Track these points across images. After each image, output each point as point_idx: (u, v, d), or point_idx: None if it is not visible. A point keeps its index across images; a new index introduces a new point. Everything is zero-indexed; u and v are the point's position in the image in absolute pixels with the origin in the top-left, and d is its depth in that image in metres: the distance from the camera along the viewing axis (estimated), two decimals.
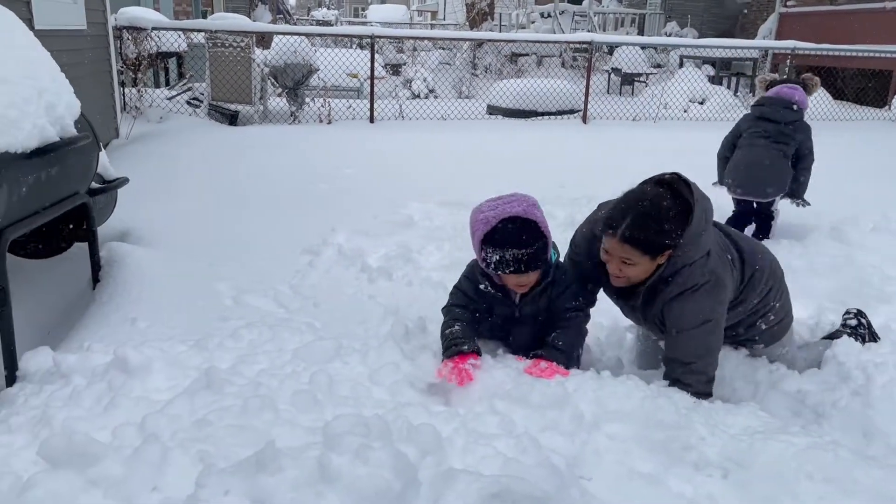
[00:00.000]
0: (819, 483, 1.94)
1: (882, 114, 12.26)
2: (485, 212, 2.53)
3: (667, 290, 2.49)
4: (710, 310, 2.50)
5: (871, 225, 4.81)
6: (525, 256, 2.48)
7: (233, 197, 5.32)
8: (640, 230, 2.38)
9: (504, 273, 2.52)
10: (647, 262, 2.45)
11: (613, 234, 2.41)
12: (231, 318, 3.03)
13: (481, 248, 2.51)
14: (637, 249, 2.41)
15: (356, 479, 1.50)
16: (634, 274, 2.49)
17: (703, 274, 2.46)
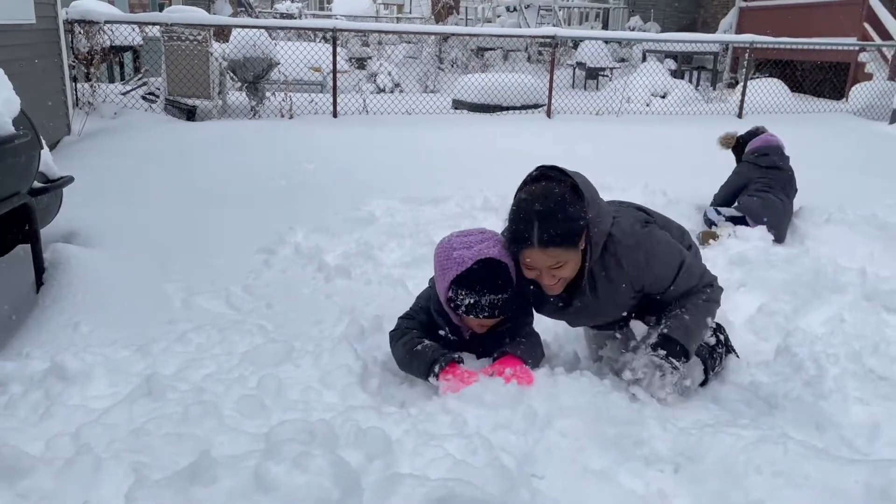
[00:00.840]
0: (768, 477, 1.94)
1: (839, 106, 12.48)
2: (458, 250, 2.41)
3: (619, 264, 2.45)
4: (665, 243, 2.53)
5: (826, 216, 4.87)
6: (500, 302, 2.39)
7: (188, 195, 5.20)
8: (554, 227, 2.28)
9: (475, 317, 2.43)
10: (575, 255, 2.37)
11: (531, 245, 2.29)
12: (179, 321, 2.95)
13: (450, 289, 2.40)
14: (561, 248, 2.31)
15: (294, 488, 1.46)
16: (568, 273, 2.40)
17: (632, 230, 2.49)
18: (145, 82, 9.72)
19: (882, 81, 12.36)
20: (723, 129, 5.89)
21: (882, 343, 3.16)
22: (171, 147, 6.76)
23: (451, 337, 2.55)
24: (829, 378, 2.71)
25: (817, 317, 3.62)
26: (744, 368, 3.02)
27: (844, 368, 2.74)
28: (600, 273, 2.47)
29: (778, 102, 11.71)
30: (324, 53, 11.19)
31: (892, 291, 3.74)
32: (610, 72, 16.07)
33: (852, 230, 4.66)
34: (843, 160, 7.46)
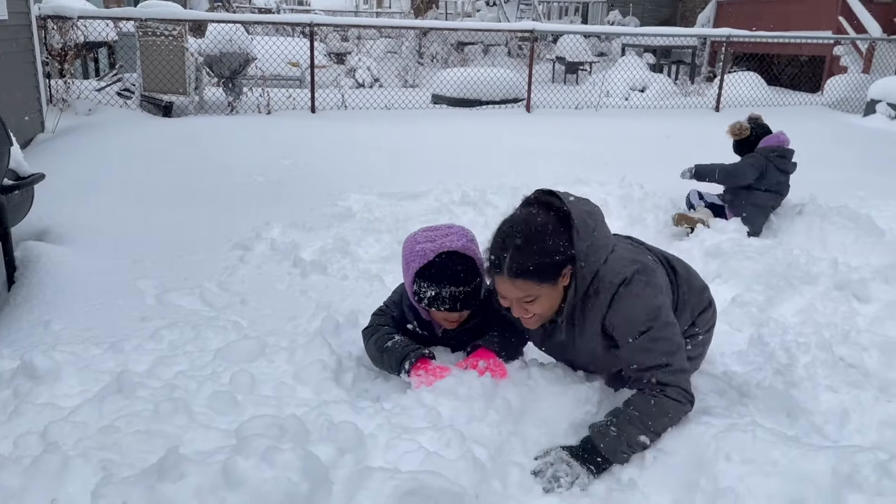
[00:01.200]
0: (737, 464, 1.96)
1: (815, 98, 12.61)
2: (421, 243, 2.39)
3: (597, 301, 2.21)
4: (652, 297, 2.21)
5: (799, 208, 4.93)
6: (462, 294, 2.36)
7: (163, 191, 5.16)
8: (526, 259, 2.09)
9: (437, 310, 2.40)
10: (550, 290, 2.16)
11: (501, 273, 2.12)
12: (152, 319, 2.93)
13: (414, 282, 2.38)
14: (531, 281, 2.12)
15: (261, 482, 1.45)
16: (542, 309, 2.20)
17: (623, 265, 2.22)
18: (120, 78, 9.60)
19: (856, 74, 12.51)
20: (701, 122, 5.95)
21: (852, 331, 3.20)
22: (147, 144, 6.69)
23: (420, 331, 2.53)
24: (800, 366, 2.74)
25: (790, 307, 3.67)
26: (717, 359, 3.06)
27: (815, 357, 2.77)
28: (580, 311, 2.25)
29: (755, 95, 11.80)
30: (302, 48, 11.12)
31: (862, 281, 3.79)
32: (589, 66, 16.12)
33: (825, 221, 4.72)
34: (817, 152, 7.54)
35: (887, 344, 3.07)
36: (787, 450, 1.98)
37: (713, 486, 1.92)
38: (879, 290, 3.76)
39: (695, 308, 2.55)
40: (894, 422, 2.49)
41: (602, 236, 2.24)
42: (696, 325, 2.55)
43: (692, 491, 1.94)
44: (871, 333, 3.21)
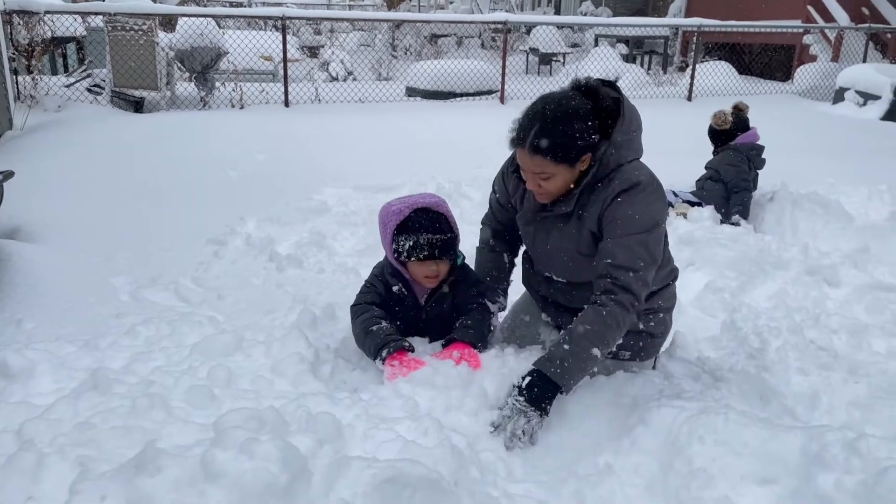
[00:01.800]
0: (710, 445, 2.00)
1: (786, 87, 12.78)
2: (395, 205, 2.52)
3: (609, 187, 2.24)
4: (658, 212, 2.26)
5: (770, 195, 5.00)
6: (438, 242, 2.46)
7: (135, 188, 5.10)
8: (549, 136, 2.16)
9: (418, 259, 2.46)
10: (565, 172, 2.22)
11: (523, 146, 2.21)
12: (127, 315, 2.90)
13: (393, 240, 2.48)
14: (548, 159, 2.18)
15: (241, 474, 1.46)
16: (555, 187, 2.26)
17: (644, 174, 2.26)
18: (89, 74, 9.46)
19: (825, 63, 12.69)
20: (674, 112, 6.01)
21: (822, 315, 3.28)
22: (118, 140, 6.61)
23: (404, 293, 2.59)
24: (772, 350, 2.80)
25: (762, 292, 3.73)
26: (691, 344, 3.10)
27: (786, 341, 2.84)
28: (587, 194, 2.29)
29: (726, 85, 11.93)
30: (274, 42, 11.03)
31: (832, 266, 3.87)
32: (562, 57, 16.18)
33: (796, 208, 4.80)
34: (788, 140, 7.65)
35: (856, 326, 3.15)
36: (759, 431, 2.02)
37: (687, 468, 1.96)
38: (849, 275, 3.84)
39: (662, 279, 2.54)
40: (862, 402, 2.55)
41: (638, 142, 2.33)
42: (659, 297, 2.54)
43: (666, 473, 1.98)
44: (841, 317, 3.29)
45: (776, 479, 1.90)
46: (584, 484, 1.95)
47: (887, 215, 4.57)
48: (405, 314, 2.62)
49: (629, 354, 2.58)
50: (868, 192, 4.97)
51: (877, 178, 5.53)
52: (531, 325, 2.83)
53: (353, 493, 1.53)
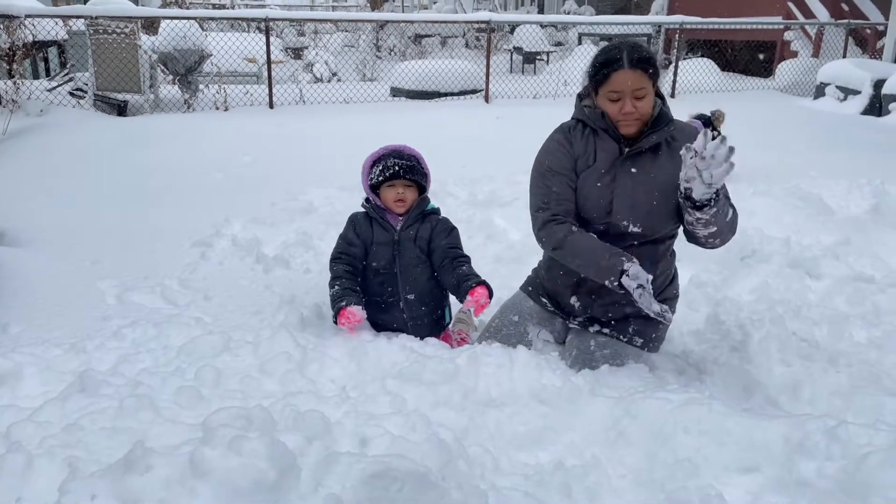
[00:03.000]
0: (694, 436, 2.03)
1: (767, 83, 12.89)
2: (373, 153, 2.91)
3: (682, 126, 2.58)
4: None
5: (753, 189, 5.06)
6: (403, 165, 2.82)
7: (120, 191, 5.08)
8: (643, 52, 2.46)
9: (386, 179, 2.80)
10: (651, 91, 2.47)
11: (621, 65, 2.43)
12: (113, 318, 2.90)
13: (370, 172, 2.85)
14: (646, 74, 2.43)
15: (229, 471, 1.47)
16: (646, 108, 2.48)
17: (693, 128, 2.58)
18: (72, 78, 9.40)
19: (806, 59, 12.82)
20: None
21: (804, 307, 3.32)
22: (102, 143, 6.57)
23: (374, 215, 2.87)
24: (755, 342, 2.84)
25: (745, 285, 3.77)
26: (676, 338, 3.14)
27: (768, 332, 2.87)
28: (666, 145, 2.54)
29: (709, 81, 12.02)
30: (258, 44, 11.01)
31: (814, 258, 3.92)
32: (546, 56, 16.23)
33: (778, 201, 4.85)
34: (770, 135, 7.73)
35: (837, 317, 3.20)
36: (742, 420, 2.05)
37: (672, 458, 1.99)
38: (830, 267, 3.89)
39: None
40: (843, 391, 2.59)
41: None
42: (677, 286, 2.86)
43: (652, 463, 2.00)
44: (822, 308, 3.34)
45: (759, 467, 1.93)
46: (571, 476, 1.97)
47: (867, 208, 4.63)
48: (381, 239, 2.84)
49: (642, 342, 2.69)
50: (848, 185, 5.03)
51: (857, 171, 5.59)
52: (519, 324, 2.86)
53: (342, 488, 1.55)
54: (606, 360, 2.61)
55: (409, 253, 2.82)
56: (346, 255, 2.85)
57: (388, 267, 2.82)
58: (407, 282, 2.83)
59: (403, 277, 2.82)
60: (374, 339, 2.60)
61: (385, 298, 2.84)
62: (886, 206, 4.63)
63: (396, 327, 2.83)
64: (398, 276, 2.82)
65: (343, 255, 2.86)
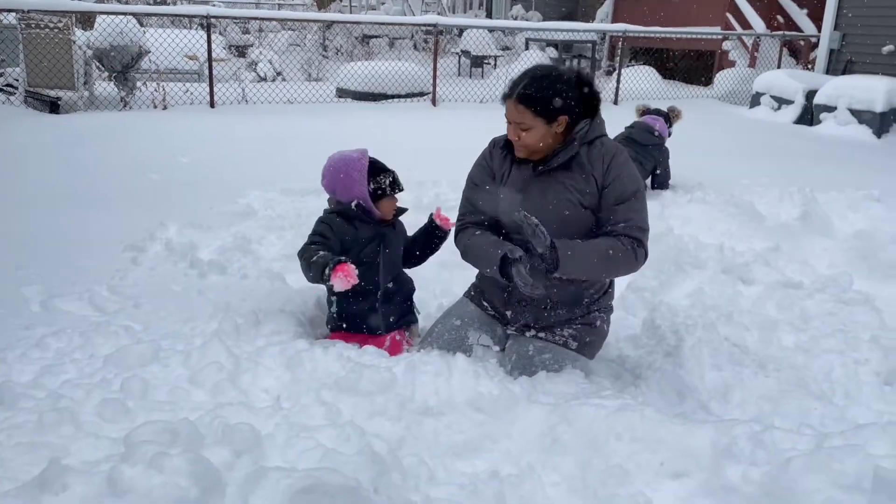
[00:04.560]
0: (627, 443, 2.05)
1: (706, 92, 13.24)
2: (351, 155, 2.89)
3: (601, 148, 2.56)
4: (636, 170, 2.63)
5: (689, 197, 5.17)
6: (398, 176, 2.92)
7: (49, 193, 4.90)
8: (536, 89, 2.48)
9: (396, 191, 2.89)
10: (542, 127, 2.50)
11: (511, 96, 2.52)
12: (37, 326, 2.78)
13: (371, 180, 2.83)
14: (529, 110, 2.48)
15: (149, 490, 1.42)
16: (532, 141, 2.53)
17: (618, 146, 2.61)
18: (1, 73, 9.04)
19: (743, 68, 13.22)
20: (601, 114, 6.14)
21: (735, 312, 3.40)
22: (32, 142, 6.33)
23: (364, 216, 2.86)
24: (687, 347, 2.90)
25: (680, 291, 3.84)
26: (613, 343, 3.18)
27: (700, 338, 2.93)
28: (586, 155, 2.56)
29: (650, 89, 12.28)
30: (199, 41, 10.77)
31: (746, 264, 4.02)
32: (494, 60, 16.34)
33: (713, 208, 4.97)
34: (707, 143, 7.94)
35: (766, 322, 3.28)
36: (673, 427, 2.08)
37: (605, 465, 2.01)
38: (761, 273, 3.99)
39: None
40: (772, 395, 2.67)
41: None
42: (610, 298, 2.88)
43: (585, 471, 2.02)
44: (753, 314, 3.42)
45: (688, 472, 1.96)
46: (506, 485, 1.97)
47: (797, 215, 4.78)
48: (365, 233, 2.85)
49: (577, 345, 2.71)
50: (780, 193, 5.18)
51: (788, 179, 5.78)
52: (461, 328, 2.85)
53: None
54: (545, 364, 2.64)
55: (392, 244, 2.95)
56: (319, 242, 2.81)
57: (371, 257, 2.88)
58: (389, 272, 2.95)
59: (385, 269, 2.93)
60: (310, 348, 2.55)
61: (365, 288, 2.86)
62: (815, 214, 4.79)
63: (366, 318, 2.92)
64: (380, 267, 2.90)
65: (316, 243, 2.81)
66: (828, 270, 4.17)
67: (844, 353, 2.92)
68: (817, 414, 2.58)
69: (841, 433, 2.02)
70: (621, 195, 2.52)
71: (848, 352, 2.92)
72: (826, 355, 2.92)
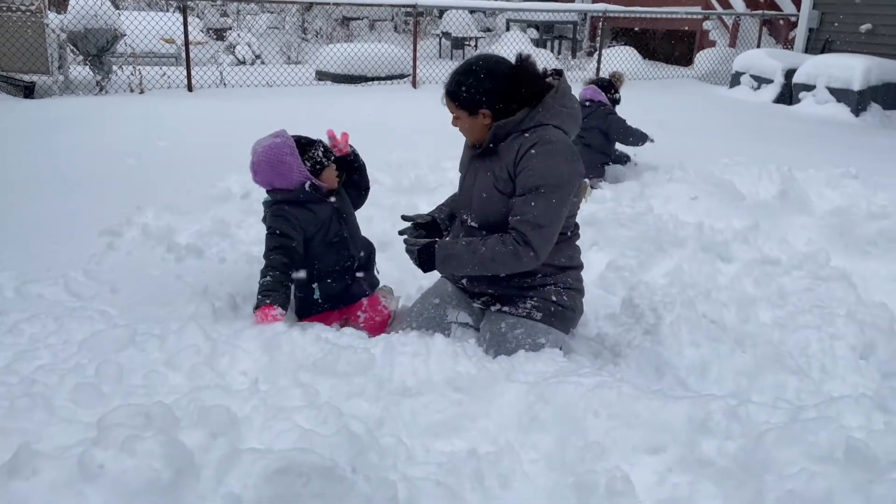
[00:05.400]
0: (604, 419, 2.06)
1: (687, 72, 13.26)
2: (273, 142, 2.85)
3: (528, 137, 2.56)
4: (568, 175, 2.56)
5: (669, 176, 5.19)
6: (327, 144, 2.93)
7: (23, 177, 4.83)
8: (457, 84, 2.60)
9: (330, 164, 2.85)
10: (467, 118, 2.63)
11: (444, 89, 2.68)
12: (10, 312, 2.73)
13: (304, 158, 2.80)
14: (454, 102, 2.63)
15: (121, 473, 1.40)
16: (463, 129, 2.70)
17: (560, 138, 2.58)
18: None
19: (723, 48, 13.24)
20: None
21: (714, 290, 3.43)
22: (6, 127, 6.24)
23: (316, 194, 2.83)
24: (666, 325, 2.91)
25: (660, 269, 3.86)
26: (591, 322, 3.19)
27: (679, 315, 2.95)
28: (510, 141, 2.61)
29: (631, 69, 12.25)
30: (176, 23, 10.62)
31: (725, 242, 4.05)
32: (475, 41, 16.24)
33: (692, 187, 4.98)
34: (687, 122, 7.96)
35: (744, 299, 3.31)
36: (649, 402, 2.10)
37: (582, 442, 2.02)
38: (740, 250, 4.02)
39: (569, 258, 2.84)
40: (748, 370, 2.70)
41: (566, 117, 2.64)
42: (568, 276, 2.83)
43: (563, 447, 2.03)
44: (731, 290, 3.45)
45: (665, 447, 1.97)
46: (484, 462, 1.98)
47: (776, 193, 4.81)
48: (323, 213, 2.85)
49: (541, 315, 2.73)
50: (759, 171, 5.20)
51: (767, 157, 5.80)
52: (439, 307, 2.86)
53: (244, 486, 1.50)
54: (518, 339, 2.65)
55: (349, 215, 2.98)
56: (282, 247, 2.80)
57: (339, 234, 2.89)
58: (356, 241, 2.98)
59: (353, 239, 2.96)
60: (288, 331, 2.54)
61: (343, 264, 2.91)
62: (793, 192, 4.82)
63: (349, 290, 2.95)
64: (349, 240, 2.93)
65: (279, 247, 2.81)
66: (805, 247, 4.21)
67: (821, 328, 2.95)
68: (793, 388, 2.61)
69: (815, 406, 2.05)
70: (522, 187, 2.55)
71: (824, 327, 2.96)
72: (803, 331, 2.96)
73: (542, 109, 2.59)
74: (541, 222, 2.51)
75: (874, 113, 9.25)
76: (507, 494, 1.91)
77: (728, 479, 1.80)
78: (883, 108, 9.35)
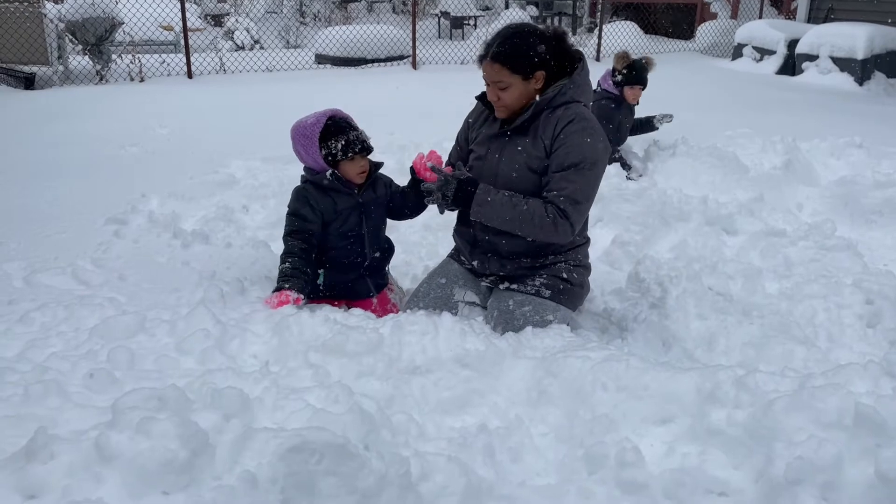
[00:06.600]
0: (613, 392, 2.08)
1: (688, 45, 13.15)
2: (306, 120, 2.73)
3: (565, 113, 2.53)
4: (602, 152, 2.57)
5: (672, 150, 5.17)
6: (364, 136, 2.75)
7: (28, 168, 4.84)
8: (509, 47, 2.49)
9: (354, 154, 2.69)
10: (520, 84, 2.52)
11: (486, 56, 2.53)
12: (21, 301, 2.75)
13: (321, 146, 2.68)
14: (505, 68, 2.50)
15: (137, 454, 1.42)
16: (511, 99, 2.55)
17: (592, 118, 2.57)
18: None
19: (725, 20, 13.13)
20: None
21: (720, 262, 3.43)
22: (8, 118, 6.24)
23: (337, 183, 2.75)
24: (672, 298, 2.92)
25: (665, 243, 3.87)
26: (598, 297, 3.20)
27: (685, 288, 2.95)
28: (543, 119, 2.57)
29: (633, 44, 12.16)
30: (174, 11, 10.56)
31: (730, 215, 4.04)
32: (474, 20, 16.13)
33: (696, 161, 4.97)
34: (689, 96, 7.91)
35: (750, 271, 3.31)
36: (657, 374, 2.11)
37: (591, 415, 2.04)
38: (745, 223, 4.02)
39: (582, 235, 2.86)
40: (755, 341, 2.70)
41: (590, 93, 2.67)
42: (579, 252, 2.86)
43: (572, 420, 2.05)
44: (737, 262, 3.45)
45: (673, 418, 1.99)
46: (495, 437, 2.00)
47: (780, 164, 4.79)
48: (343, 204, 2.78)
49: (550, 293, 2.74)
50: (762, 143, 5.18)
51: (771, 129, 5.77)
52: (445, 286, 2.88)
53: (258, 464, 1.52)
54: (526, 316, 2.66)
55: (374, 213, 2.88)
56: (300, 231, 2.78)
57: (356, 229, 2.85)
58: (374, 241, 2.91)
59: (370, 238, 2.90)
60: (297, 313, 2.55)
61: (352, 259, 2.89)
62: (798, 162, 4.80)
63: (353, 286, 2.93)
64: (366, 237, 2.88)
65: (297, 231, 2.78)
66: (811, 218, 4.20)
67: (827, 297, 2.95)
68: (801, 358, 2.61)
69: (823, 374, 2.06)
70: (561, 163, 2.53)
71: (831, 296, 2.95)
72: (809, 300, 2.95)
73: (572, 86, 2.57)
74: (579, 198, 2.52)
75: (878, 81, 9.17)
76: (517, 468, 1.94)
77: (737, 448, 1.81)
78: (887, 77, 9.27)
